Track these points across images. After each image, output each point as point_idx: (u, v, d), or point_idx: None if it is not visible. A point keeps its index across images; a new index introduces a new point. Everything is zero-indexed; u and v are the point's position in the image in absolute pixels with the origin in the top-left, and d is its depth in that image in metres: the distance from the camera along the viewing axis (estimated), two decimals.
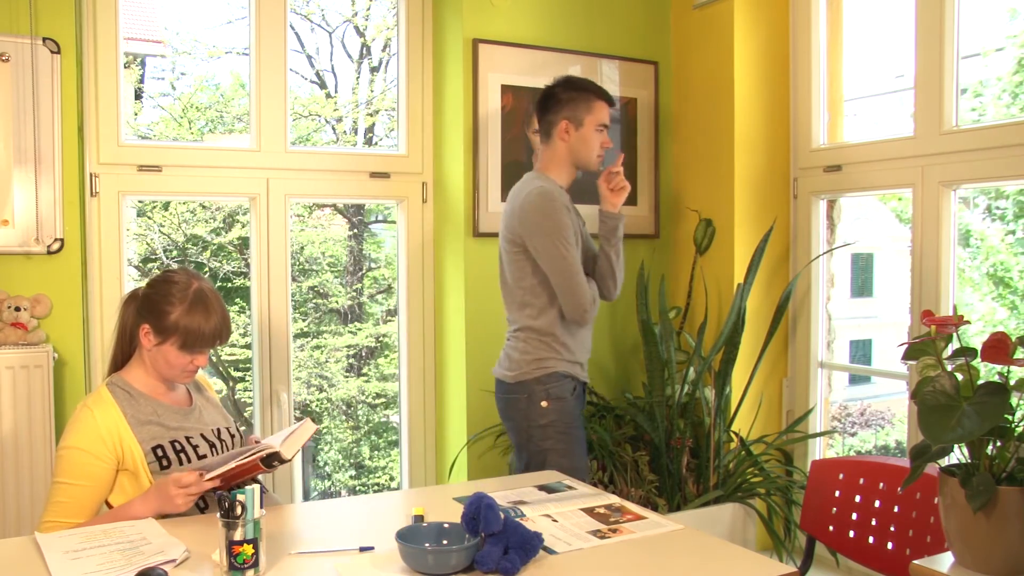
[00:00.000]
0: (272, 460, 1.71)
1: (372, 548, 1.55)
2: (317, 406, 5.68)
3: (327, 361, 5.72)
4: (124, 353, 1.93)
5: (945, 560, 1.41)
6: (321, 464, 5.75)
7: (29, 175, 2.56)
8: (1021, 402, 1.33)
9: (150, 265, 5.25)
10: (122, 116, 2.80)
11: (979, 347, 1.36)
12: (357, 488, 5.67)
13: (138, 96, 5.21)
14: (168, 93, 5.49)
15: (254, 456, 1.68)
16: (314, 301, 5.86)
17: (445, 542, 1.51)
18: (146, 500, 1.70)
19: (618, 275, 2.50)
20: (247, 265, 4.44)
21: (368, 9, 5.56)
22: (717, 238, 3.26)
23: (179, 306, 1.82)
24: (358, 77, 5.74)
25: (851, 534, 2.05)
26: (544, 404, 2.42)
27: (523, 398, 2.43)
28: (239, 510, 1.39)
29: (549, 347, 2.43)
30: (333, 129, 5.77)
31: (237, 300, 5.49)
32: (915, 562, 1.42)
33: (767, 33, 3.22)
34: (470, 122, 3.08)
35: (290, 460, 1.74)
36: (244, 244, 5.41)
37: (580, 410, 2.50)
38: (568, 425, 2.44)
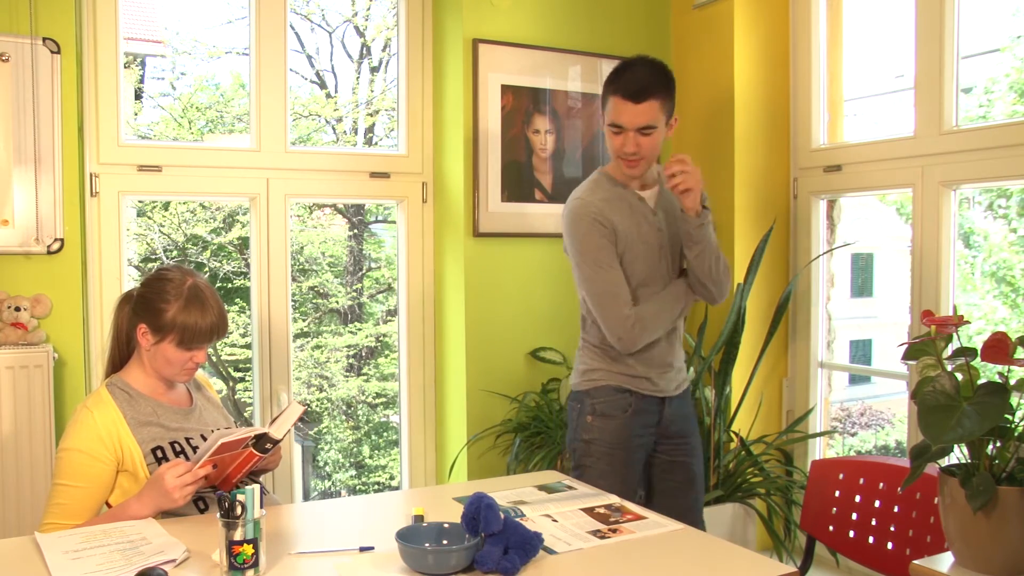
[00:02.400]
0: (264, 443, 1.72)
1: (372, 548, 1.55)
2: (317, 406, 5.68)
3: (327, 361, 5.72)
4: (122, 355, 1.93)
5: (945, 560, 1.41)
6: (321, 464, 5.75)
7: (29, 175, 2.56)
8: (1021, 402, 1.33)
9: (150, 265, 5.26)
10: (122, 116, 2.80)
11: (979, 347, 1.36)
12: (357, 487, 5.67)
13: (138, 96, 5.21)
14: (168, 93, 5.50)
15: (242, 436, 1.68)
16: (314, 301, 5.86)
17: (445, 542, 1.51)
18: (142, 498, 1.69)
19: (709, 282, 2.22)
20: (247, 265, 4.44)
21: (368, 9, 5.57)
22: (717, 238, 3.25)
23: (175, 303, 1.82)
24: (358, 77, 5.74)
25: (851, 534, 2.05)
26: (589, 419, 2.26)
27: (576, 408, 2.30)
28: (239, 510, 1.39)
29: (600, 359, 2.27)
30: (333, 129, 5.77)
31: (237, 300, 5.49)
32: (915, 562, 1.42)
33: (767, 33, 3.22)
34: (470, 122, 3.08)
35: (280, 440, 1.74)
36: (244, 244, 5.41)
37: (636, 430, 2.26)
38: (611, 446, 2.24)
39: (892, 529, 1.95)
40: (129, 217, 3.74)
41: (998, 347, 1.33)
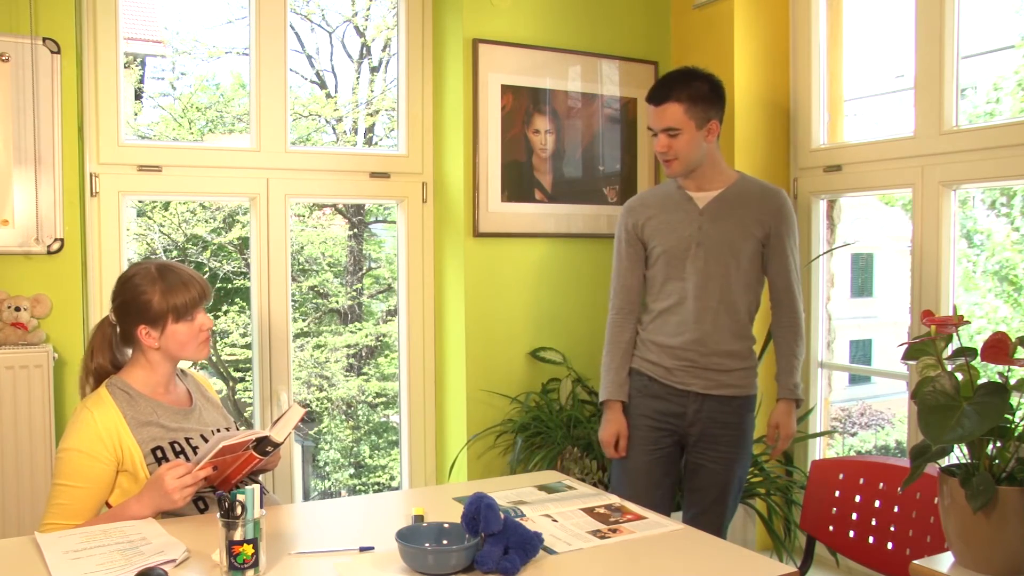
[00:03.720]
0: (265, 446, 1.72)
1: (372, 548, 1.55)
2: (317, 406, 5.68)
3: (327, 361, 5.72)
4: (106, 373, 1.91)
5: (945, 560, 1.41)
6: (321, 464, 5.75)
7: (29, 175, 2.56)
8: (1021, 402, 1.33)
9: None
10: (122, 116, 2.80)
11: (980, 346, 1.36)
12: (357, 487, 5.67)
13: (138, 96, 5.21)
14: (168, 93, 5.50)
15: (243, 439, 1.68)
16: (314, 301, 5.86)
17: (445, 542, 1.51)
18: (142, 499, 1.69)
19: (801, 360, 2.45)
20: (247, 265, 4.44)
21: (368, 9, 5.56)
22: None
23: (153, 288, 1.83)
24: (358, 77, 5.74)
25: (851, 534, 2.05)
26: None
27: None
28: (239, 510, 1.39)
29: (636, 342, 2.50)
30: (333, 129, 5.77)
31: (237, 300, 5.50)
32: (915, 562, 1.42)
33: (767, 33, 3.22)
34: (470, 122, 3.08)
35: (281, 443, 1.74)
36: (244, 244, 5.41)
37: (647, 412, 2.39)
38: (631, 426, 2.43)
39: (892, 529, 1.95)
40: (129, 217, 3.74)
41: (998, 347, 1.33)
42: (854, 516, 2.05)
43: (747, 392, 2.40)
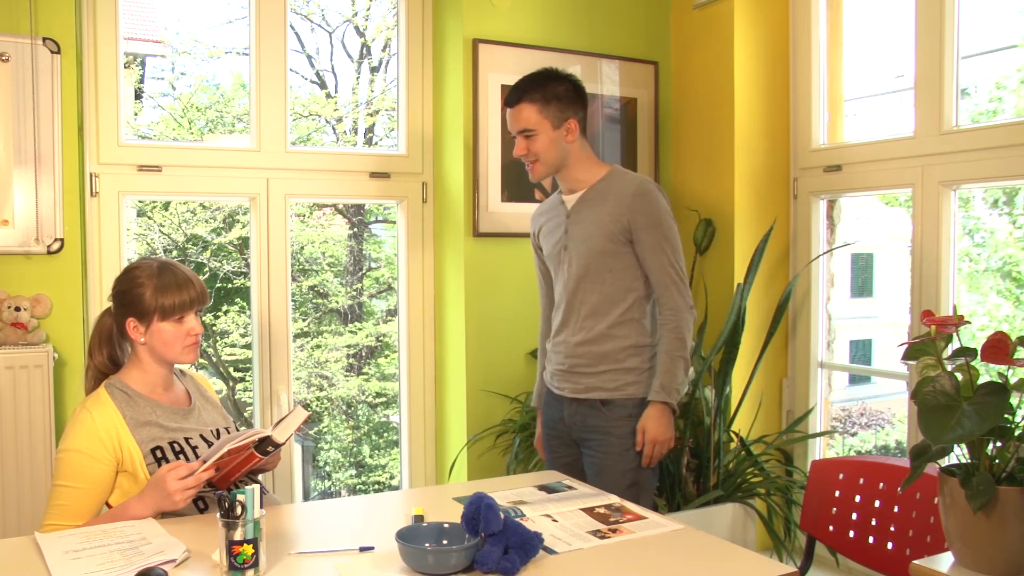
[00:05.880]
0: (266, 446, 1.72)
1: (372, 548, 1.55)
2: (317, 405, 5.68)
3: (327, 361, 5.72)
4: (107, 369, 1.92)
5: (945, 560, 1.41)
6: (321, 464, 5.75)
7: (29, 175, 2.56)
8: (1021, 402, 1.33)
9: None
10: (122, 116, 2.80)
11: (980, 346, 1.36)
12: (357, 487, 5.67)
13: (138, 96, 5.21)
14: (168, 93, 5.49)
15: (247, 440, 1.68)
16: (314, 301, 5.86)
17: (445, 542, 1.51)
18: (143, 499, 1.69)
19: (680, 371, 2.25)
20: (247, 265, 4.44)
21: (368, 9, 5.56)
22: (717, 238, 3.26)
23: (149, 283, 1.83)
24: (358, 77, 5.73)
25: (851, 534, 2.05)
26: None
27: None
28: (239, 510, 1.39)
29: None
30: (333, 129, 5.77)
31: (237, 300, 5.50)
32: (915, 562, 1.42)
33: (767, 33, 3.22)
34: (470, 122, 3.08)
35: (283, 444, 1.74)
36: (244, 244, 5.40)
37: (545, 421, 2.46)
38: (543, 436, 2.50)
39: (892, 529, 1.95)
40: (129, 217, 3.75)
41: (998, 347, 1.33)
42: (854, 516, 2.05)
43: (619, 396, 2.25)
